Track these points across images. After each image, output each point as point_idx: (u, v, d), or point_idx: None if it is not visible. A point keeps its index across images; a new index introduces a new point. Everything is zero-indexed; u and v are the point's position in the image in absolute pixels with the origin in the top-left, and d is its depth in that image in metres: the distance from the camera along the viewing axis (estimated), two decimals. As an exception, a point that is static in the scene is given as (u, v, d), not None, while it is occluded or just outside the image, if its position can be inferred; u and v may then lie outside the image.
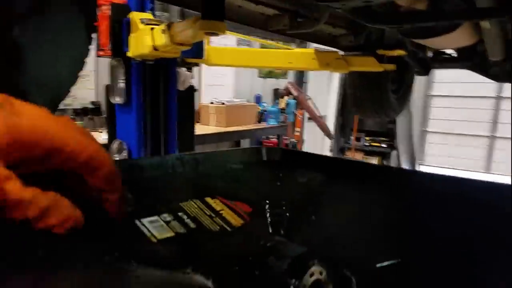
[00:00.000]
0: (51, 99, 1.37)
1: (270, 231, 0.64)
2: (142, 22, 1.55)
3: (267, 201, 0.69)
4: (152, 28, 1.43)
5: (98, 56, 1.94)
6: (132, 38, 1.61)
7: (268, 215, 0.67)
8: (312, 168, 0.81)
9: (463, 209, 0.63)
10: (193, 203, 0.62)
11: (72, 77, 1.37)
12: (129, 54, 1.64)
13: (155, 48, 1.40)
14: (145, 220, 0.54)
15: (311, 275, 0.51)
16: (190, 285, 0.43)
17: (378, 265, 0.55)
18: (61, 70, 1.32)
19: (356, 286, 0.51)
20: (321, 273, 0.52)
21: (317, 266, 0.51)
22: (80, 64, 1.42)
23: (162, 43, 1.32)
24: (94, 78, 3.70)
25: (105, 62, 1.97)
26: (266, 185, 0.76)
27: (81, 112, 3.51)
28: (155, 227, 0.53)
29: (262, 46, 5.10)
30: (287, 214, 0.68)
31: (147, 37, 1.44)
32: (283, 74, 6.14)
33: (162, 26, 1.31)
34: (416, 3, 1.23)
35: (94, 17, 1.51)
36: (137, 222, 0.53)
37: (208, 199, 0.64)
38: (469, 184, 0.67)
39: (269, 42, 3.39)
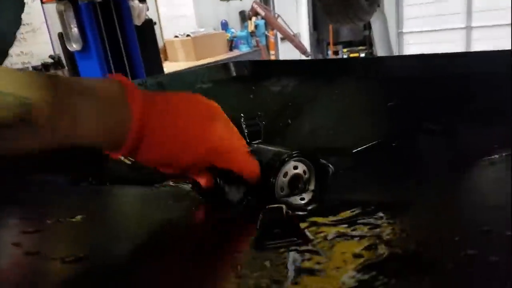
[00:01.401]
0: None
1: (248, 140, 0.64)
2: (79, -47, 1.40)
3: (242, 115, 0.69)
4: (90, -42, 1.29)
5: (44, 2, 1.79)
6: (73, -25, 1.47)
7: (244, 127, 0.67)
8: (284, 75, 0.79)
9: (432, 86, 0.63)
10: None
11: (14, 22, 1.25)
12: (74, -6, 1.51)
13: (98, -20, 1.28)
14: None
15: (285, 175, 0.52)
16: (175, 194, 0.44)
17: (354, 150, 0.56)
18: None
19: (333, 172, 0.53)
20: (295, 168, 0.53)
21: (292, 161, 0.52)
22: (20, 7, 1.29)
23: (104, -29, 1.20)
24: (46, 31, 3.44)
25: (55, 11, 1.81)
26: (239, 99, 0.75)
27: (41, 69, 3.32)
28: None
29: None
30: (263, 122, 0.68)
31: (87, -31, 1.31)
32: (247, -6, 5.76)
33: (100, -48, 1.18)
34: None
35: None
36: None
37: (179, 120, 0.63)
38: (437, 60, 0.66)
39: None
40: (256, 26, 4.94)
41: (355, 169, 0.51)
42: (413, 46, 6.93)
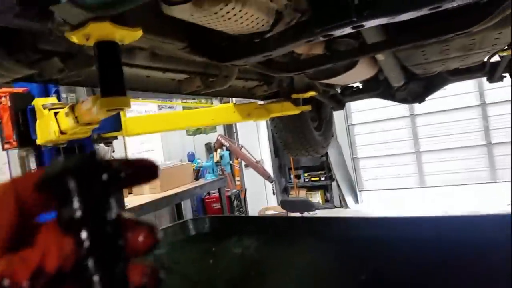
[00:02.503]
0: None
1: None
2: (45, 108, 1.46)
3: (201, 286, 0.63)
4: (56, 113, 1.35)
5: (4, 149, 1.80)
6: (38, 125, 1.51)
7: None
8: (246, 233, 0.77)
9: (412, 248, 0.62)
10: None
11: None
12: (38, 141, 1.52)
13: (62, 132, 1.31)
14: None
15: None
16: None
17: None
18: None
19: None
20: None
21: None
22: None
23: (68, 126, 1.23)
24: (8, 171, 3.38)
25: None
26: (198, 265, 0.70)
27: None
28: None
29: (184, 107, 5.13)
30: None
31: (52, 123, 1.34)
32: (212, 128, 6.18)
33: (65, 109, 1.23)
34: (313, 49, 1.31)
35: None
36: None
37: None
38: (413, 223, 0.67)
39: (189, 103, 3.41)
40: (221, 157, 5.16)
41: None
42: (368, 170, 7.44)
